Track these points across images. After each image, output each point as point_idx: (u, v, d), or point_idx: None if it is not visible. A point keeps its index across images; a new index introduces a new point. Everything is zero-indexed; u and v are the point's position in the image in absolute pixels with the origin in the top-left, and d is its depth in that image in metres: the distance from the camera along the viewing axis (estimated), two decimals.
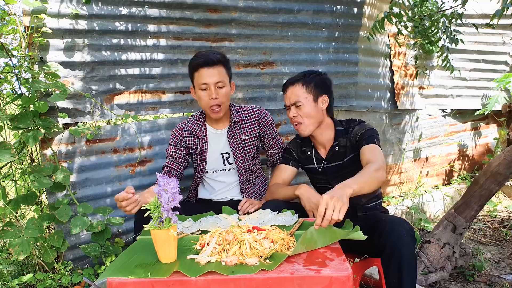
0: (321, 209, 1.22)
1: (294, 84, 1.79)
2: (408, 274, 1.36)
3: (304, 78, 1.79)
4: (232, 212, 1.62)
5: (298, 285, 1.04)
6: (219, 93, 1.82)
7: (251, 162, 2.01)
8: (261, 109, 2.01)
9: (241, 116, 1.98)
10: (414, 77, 3.33)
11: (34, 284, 1.95)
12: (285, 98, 1.84)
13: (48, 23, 1.90)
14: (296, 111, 1.78)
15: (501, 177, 1.99)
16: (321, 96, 1.79)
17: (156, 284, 1.04)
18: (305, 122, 1.77)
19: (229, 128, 1.95)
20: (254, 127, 1.98)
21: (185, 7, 2.22)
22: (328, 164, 1.84)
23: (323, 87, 1.80)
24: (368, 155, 1.63)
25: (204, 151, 1.96)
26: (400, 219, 1.48)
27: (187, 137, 1.95)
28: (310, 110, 1.76)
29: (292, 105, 1.78)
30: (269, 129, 2.02)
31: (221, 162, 1.98)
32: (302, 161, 1.95)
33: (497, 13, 1.98)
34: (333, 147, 1.81)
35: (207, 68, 1.78)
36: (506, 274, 2.23)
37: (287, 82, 1.83)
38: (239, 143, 1.96)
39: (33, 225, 1.83)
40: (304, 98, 1.76)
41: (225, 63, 1.85)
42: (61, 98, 1.84)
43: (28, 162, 2.17)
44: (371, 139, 1.70)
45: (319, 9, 2.59)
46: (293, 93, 1.78)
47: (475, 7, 3.32)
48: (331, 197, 1.23)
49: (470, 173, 3.95)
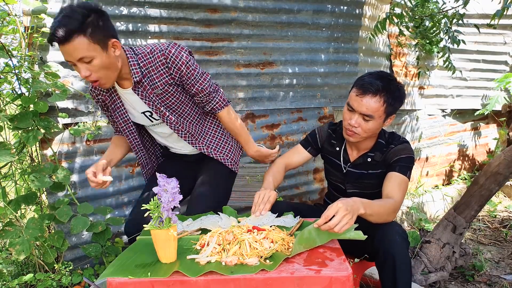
0: (330, 213, 1.19)
1: (376, 95, 1.49)
2: (403, 277, 1.36)
3: (388, 91, 1.50)
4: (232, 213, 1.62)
5: (298, 285, 1.04)
6: (90, 68, 1.38)
7: (182, 115, 1.66)
8: (168, 49, 1.49)
9: (145, 68, 1.53)
10: (417, 77, 3.33)
11: (34, 284, 1.95)
12: (356, 100, 1.52)
13: (48, 23, 1.90)
14: (359, 122, 1.53)
15: (501, 177, 1.99)
16: (391, 116, 1.58)
17: (156, 284, 1.04)
18: (360, 135, 1.57)
19: (133, 88, 1.55)
20: (164, 78, 1.54)
21: (185, 7, 2.22)
22: (352, 169, 1.72)
23: (399, 106, 1.57)
24: (393, 187, 1.51)
25: (123, 111, 1.65)
26: (392, 222, 1.46)
27: (101, 95, 1.64)
28: (374, 128, 1.55)
29: (361, 114, 1.52)
30: (185, 74, 1.53)
31: (148, 120, 1.68)
32: (327, 152, 1.80)
33: (497, 13, 1.98)
34: (366, 156, 1.67)
35: (62, 45, 1.33)
36: (506, 274, 2.23)
37: (368, 85, 1.50)
38: (155, 99, 1.58)
39: (33, 225, 1.83)
40: (378, 116, 1.52)
41: (85, 30, 1.31)
42: (61, 98, 1.84)
43: (28, 162, 2.17)
44: (405, 169, 1.56)
45: (319, 9, 2.59)
46: (370, 105, 1.49)
47: (476, 7, 3.32)
48: (345, 209, 1.19)
49: (470, 173, 3.95)
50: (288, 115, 2.71)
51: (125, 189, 2.25)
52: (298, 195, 2.81)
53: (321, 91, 2.76)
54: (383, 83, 1.50)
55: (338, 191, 1.82)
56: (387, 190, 1.52)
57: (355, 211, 1.23)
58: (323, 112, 2.81)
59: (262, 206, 1.48)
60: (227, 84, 2.46)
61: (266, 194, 1.51)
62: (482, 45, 3.64)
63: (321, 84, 2.74)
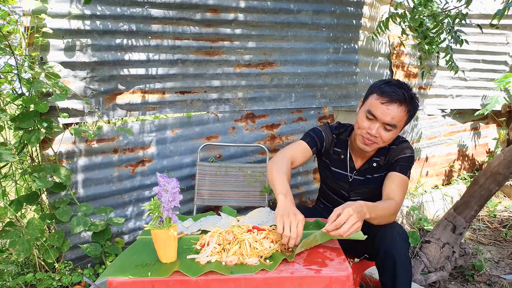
0: (341, 219, 1.18)
1: (402, 105, 1.47)
2: (403, 277, 1.36)
3: (411, 101, 1.49)
4: (232, 212, 1.62)
5: (298, 285, 1.04)
6: None
7: None
8: None
9: None
10: (416, 77, 3.33)
11: (34, 284, 1.96)
12: (381, 108, 1.47)
13: (49, 23, 1.90)
14: (380, 132, 1.50)
15: (501, 177, 1.99)
16: (405, 126, 1.59)
17: (156, 284, 1.04)
18: (378, 144, 1.54)
19: None
20: None
21: (185, 7, 2.22)
22: (357, 176, 1.70)
23: (413, 117, 1.58)
24: (393, 187, 1.50)
25: None
26: (392, 223, 1.46)
27: None
28: (392, 138, 1.55)
29: (384, 123, 1.49)
30: None
31: None
32: (329, 159, 1.74)
33: (499, 13, 1.98)
34: (371, 161, 1.66)
35: None
36: (505, 274, 2.23)
37: (393, 94, 1.46)
38: None
39: (33, 224, 1.83)
40: (400, 126, 1.52)
41: None
42: (61, 98, 1.85)
43: (29, 162, 2.18)
44: (405, 169, 1.56)
45: (319, 9, 2.60)
46: (396, 115, 1.47)
47: (478, 7, 3.32)
48: (357, 216, 1.19)
49: (470, 173, 3.95)
50: (288, 115, 2.71)
51: (125, 189, 2.25)
52: (298, 195, 2.81)
53: (321, 91, 2.76)
54: (406, 93, 1.48)
55: (339, 196, 1.81)
56: (387, 190, 1.52)
57: (363, 217, 1.24)
58: (323, 112, 2.81)
59: (296, 241, 1.20)
60: (227, 84, 2.46)
61: (293, 223, 1.20)
62: (482, 45, 3.64)
63: (321, 84, 2.74)
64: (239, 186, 2.44)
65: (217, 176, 2.43)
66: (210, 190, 2.40)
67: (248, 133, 2.59)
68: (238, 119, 2.56)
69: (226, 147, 2.52)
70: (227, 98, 2.49)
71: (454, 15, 2.44)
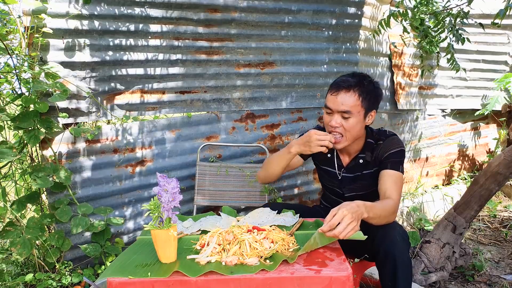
0: (335, 221, 1.18)
1: (350, 90, 1.53)
2: (403, 278, 1.36)
3: (362, 86, 1.55)
4: (232, 212, 1.62)
5: (298, 285, 1.04)
6: None
7: None
8: None
9: None
10: (420, 76, 3.33)
11: (34, 284, 1.95)
12: (331, 99, 1.57)
13: (49, 23, 1.90)
14: (341, 122, 1.55)
15: (501, 177, 1.99)
16: (371, 111, 1.60)
17: (156, 284, 1.04)
18: (346, 137, 1.57)
19: None
20: None
21: (185, 7, 2.22)
22: (346, 173, 1.73)
23: (376, 101, 1.61)
24: (389, 186, 1.51)
25: None
26: (393, 223, 1.46)
27: None
28: (356, 126, 1.56)
29: (339, 112, 1.55)
30: None
31: None
32: (318, 159, 1.81)
33: (501, 13, 1.97)
34: (358, 158, 1.68)
35: None
36: (506, 274, 2.23)
37: (341, 83, 1.56)
38: None
39: (33, 224, 1.83)
40: (356, 112, 1.54)
41: None
42: (61, 99, 1.85)
43: (28, 162, 2.18)
44: (397, 164, 1.56)
45: (319, 9, 2.59)
46: (346, 101, 1.53)
47: (480, 6, 3.31)
48: (351, 217, 1.18)
49: (470, 173, 3.95)
50: (288, 115, 2.71)
51: (125, 189, 2.25)
52: (298, 195, 2.81)
53: (321, 91, 2.76)
54: (355, 79, 1.56)
55: (335, 195, 1.82)
56: (383, 189, 1.52)
57: (359, 217, 1.24)
58: (323, 112, 2.81)
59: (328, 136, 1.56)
60: (227, 84, 2.46)
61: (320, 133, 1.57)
62: (482, 45, 3.63)
63: (321, 84, 2.74)
64: (239, 186, 2.44)
65: (217, 176, 2.43)
66: (210, 190, 2.40)
67: (248, 133, 2.59)
68: (238, 119, 2.56)
69: (226, 147, 2.52)
70: (227, 98, 2.49)
71: (456, 14, 2.43)
